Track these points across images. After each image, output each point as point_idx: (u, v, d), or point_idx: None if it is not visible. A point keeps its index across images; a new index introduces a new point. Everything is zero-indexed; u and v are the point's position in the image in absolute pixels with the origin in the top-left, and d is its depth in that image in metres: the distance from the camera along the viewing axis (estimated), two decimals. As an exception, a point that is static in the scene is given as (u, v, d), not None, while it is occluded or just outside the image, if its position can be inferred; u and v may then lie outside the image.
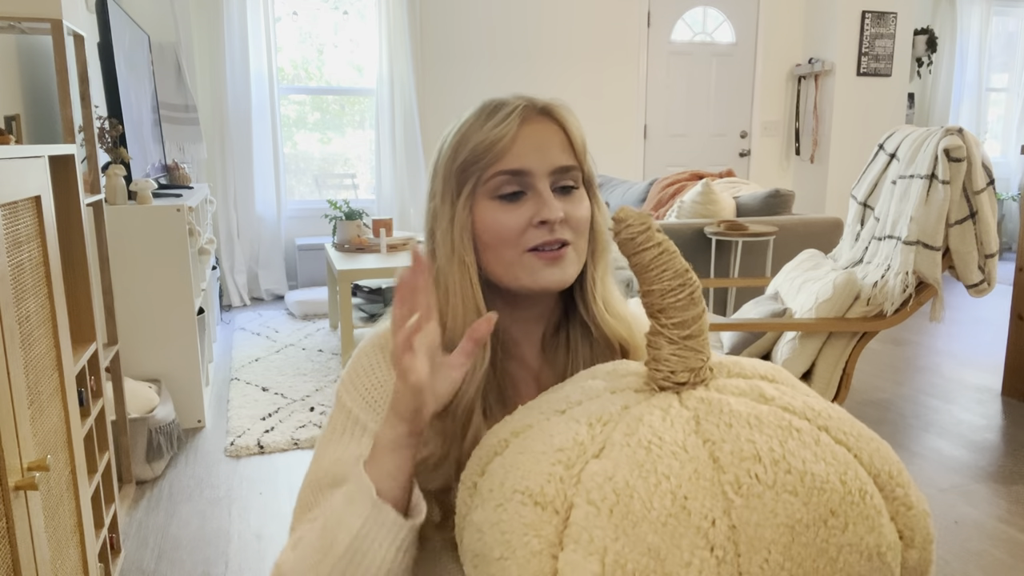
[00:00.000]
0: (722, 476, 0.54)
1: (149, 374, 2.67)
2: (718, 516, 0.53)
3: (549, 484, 0.57)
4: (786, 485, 0.54)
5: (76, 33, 1.91)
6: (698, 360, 0.64)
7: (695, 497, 0.53)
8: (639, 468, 0.55)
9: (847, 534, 0.54)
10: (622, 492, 0.54)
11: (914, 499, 0.58)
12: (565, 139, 0.80)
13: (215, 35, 4.61)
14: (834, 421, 0.60)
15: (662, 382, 0.64)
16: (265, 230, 4.92)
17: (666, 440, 0.57)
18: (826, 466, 0.56)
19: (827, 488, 0.54)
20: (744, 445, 0.56)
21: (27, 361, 1.16)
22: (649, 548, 0.52)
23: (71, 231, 1.64)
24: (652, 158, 5.71)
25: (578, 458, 0.58)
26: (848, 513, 0.54)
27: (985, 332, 4.06)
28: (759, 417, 0.58)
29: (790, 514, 0.53)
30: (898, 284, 2.08)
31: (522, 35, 5.24)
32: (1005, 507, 2.17)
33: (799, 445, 0.57)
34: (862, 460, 0.58)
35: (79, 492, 1.40)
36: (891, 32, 5.59)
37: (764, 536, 0.52)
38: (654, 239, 0.63)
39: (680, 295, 0.63)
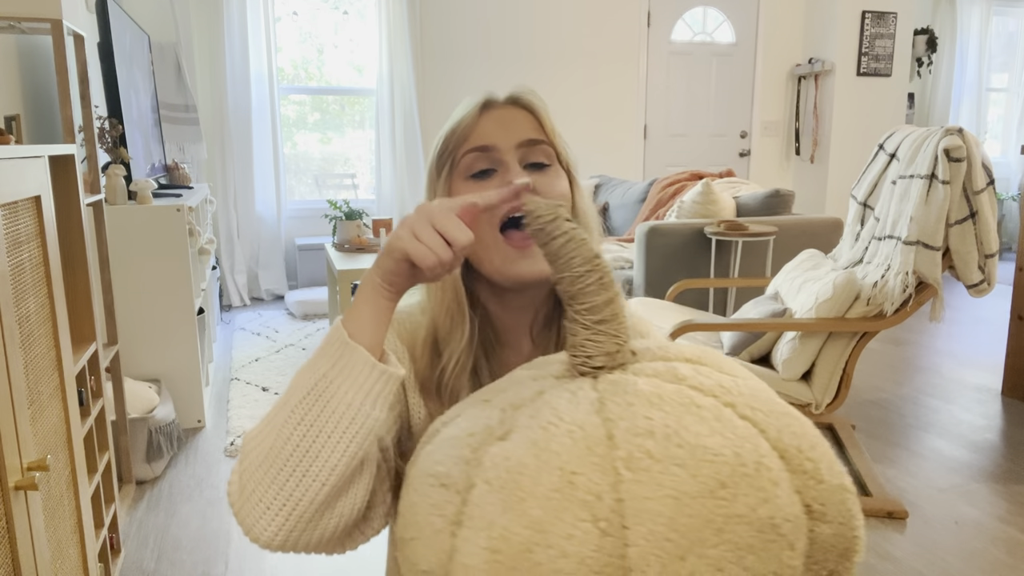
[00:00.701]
0: (615, 452, 0.55)
1: (149, 374, 2.67)
2: (605, 490, 0.53)
3: (455, 466, 0.60)
4: (675, 458, 0.54)
5: (76, 33, 1.91)
6: (613, 344, 0.64)
7: (583, 472, 0.54)
8: (534, 447, 0.57)
9: (736, 505, 0.53)
10: (514, 470, 0.56)
11: (826, 473, 0.58)
12: (533, 120, 0.83)
13: (215, 35, 4.61)
14: (744, 398, 0.60)
15: (580, 367, 0.65)
16: (265, 230, 4.92)
17: (565, 420, 0.58)
18: (722, 439, 0.56)
19: (717, 460, 0.54)
20: (640, 422, 0.57)
21: (27, 361, 1.16)
22: (532, 521, 0.53)
23: (71, 231, 1.64)
24: (652, 158, 5.72)
25: (484, 441, 0.60)
26: (739, 484, 0.54)
27: (985, 332, 4.06)
28: (661, 395, 0.59)
29: (676, 486, 0.53)
30: (898, 284, 2.08)
31: (522, 35, 5.24)
32: (1005, 507, 2.17)
33: (696, 420, 0.57)
34: (768, 434, 0.58)
35: (79, 492, 1.40)
36: (891, 32, 5.59)
37: (650, 508, 0.53)
38: (561, 228, 0.64)
39: (588, 281, 0.64)
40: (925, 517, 2.12)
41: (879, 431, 2.72)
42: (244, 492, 0.65)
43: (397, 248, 0.65)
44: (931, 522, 2.09)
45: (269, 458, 0.65)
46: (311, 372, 0.66)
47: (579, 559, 0.52)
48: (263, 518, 0.64)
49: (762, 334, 2.34)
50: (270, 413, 0.68)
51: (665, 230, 3.29)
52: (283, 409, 0.66)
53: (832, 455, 0.60)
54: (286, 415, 0.65)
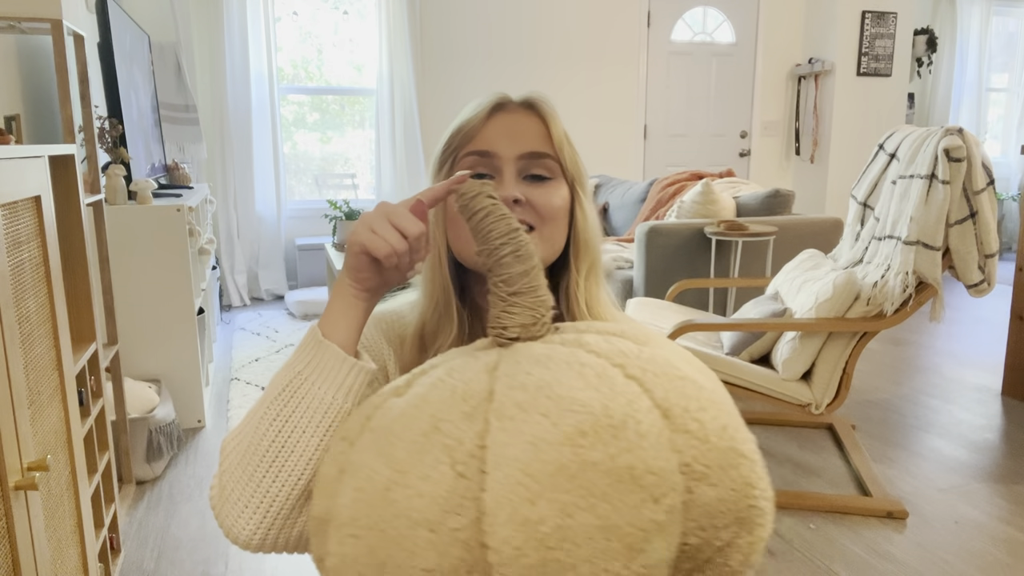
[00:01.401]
0: (489, 406, 0.56)
1: (149, 374, 2.67)
2: (469, 437, 0.55)
3: (356, 422, 0.63)
4: (540, 407, 0.55)
5: (76, 33, 1.91)
6: (529, 316, 0.65)
7: (450, 419, 0.56)
8: (416, 399, 0.60)
9: (592, 452, 0.53)
10: (395, 418, 0.59)
11: (713, 435, 0.57)
12: (543, 131, 0.83)
13: (215, 35, 4.61)
14: (640, 362, 0.60)
15: (496, 338, 0.66)
16: (265, 230, 4.92)
17: (453, 376, 0.60)
18: (595, 393, 0.56)
19: (582, 411, 0.55)
20: (519, 377, 0.58)
21: (27, 361, 1.16)
22: (395, 462, 0.56)
23: (71, 231, 1.64)
24: (652, 158, 5.71)
25: (385, 399, 0.63)
26: (599, 434, 0.54)
27: (985, 332, 4.06)
28: (550, 355, 0.60)
29: (535, 432, 0.54)
30: (898, 284, 2.08)
31: (522, 35, 5.24)
32: (1005, 507, 2.17)
33: (574, 376, 0.57)
34: (653, 393, 0.58)
35: (79, 492, 1.40)
36: (891, 32, 5.59)
37: (508, 454, 0.53)
38: (480, 204, 0.67)
39: (503, 252, 0.66)
40: (925, 517, 2.12)
41: (879, 431, 2.72)
42: (223, 493, 0.67)
43: (355, 242, 0.69)
44: (931, 522, 2.09)
45: (246, 456, 0.67)
46: (287, 371, 0.69)
47: (431, 498, 0.53)
48: (241, 517, 0.66)
49: (762, 334, 2.34)
50: (248, 413, 0.70)
51: (665, 230, 3.29)
52: (259, 408, 0.68)
53: (732, 422, 0.59)
54: (262, 413, 0.67)
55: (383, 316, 0.88)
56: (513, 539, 0.51)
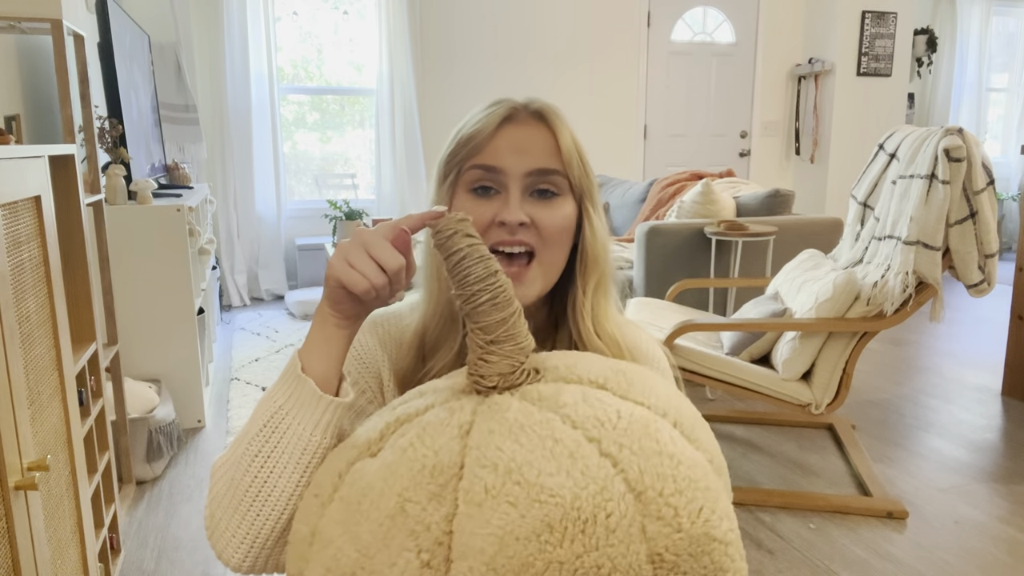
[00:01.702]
0: (459, 483, 0.54)
1: (149, 374, 2.67)
2: (436, 521, 0.52)
3: (327, 479, 0.60)
4: (509, 495, 0.52)
5: (76, 33, 1.91)
6: (507, 365, 0.62)
7: (417, 501, 0.53)
8: (385, 468, 0.56)
9: (559, 550, 0.51)
10: (364, 489, 0.56)
11: (686, 521, 0.54)
12: (553, 144, 0.79)
13: (215, 35, 4.61)
14: (616, 434, 0.56)
15: (474, 385, 0.63)
16: (265, 230, 4.92)
17: (425, 443, 0.57)
18: (566, 479, 0.53)
19: (550, 502, 0.52)
20: (491, 453, 0.55)
21: (27, 361, 1.16)
22: (363, 546, 0.53)
23: (71, 231, 1.64)
24: (652, 158, 5.71)
25: (359, 455, 0.60)
26: (568, 530, 0.51)
27: (985, 332, 4.06)
28: (523, 425, 0.57)
29: (502, 525, 0.51)
30: (898, 284, 2.08)
31: (522, 35, 5.24)
32: (1005, 507, 2.17)
33: (546, 456, 0.54)
34: (628, 475, 0.54)
35: (79, 492, 1.40)
36: (891, 32, 5.59)
37: (474, 544, 0.51)
38: (456, 244, 0.62)
39: (480, 300, 0.61)
40: (925, 517, 2.12)
41: (879, 431, 2.72)
42: (213, 519, 0.69)
43: (331, 276, 0.67)
44: (931, 522, 2.09)
45: (231, 488, 0.68)
46: (269, 404, 0.69)
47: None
48: (230, 544, 0.68)
49: (762, 334, 2.34)
50: (234, 442, 0.71)
51: (665, 230, 3.29)
52: (243, 440, 0.69)
53: (708, 502, 0.56)
54: (245, 447, 0.68)
55: (380, 319, 0.87)
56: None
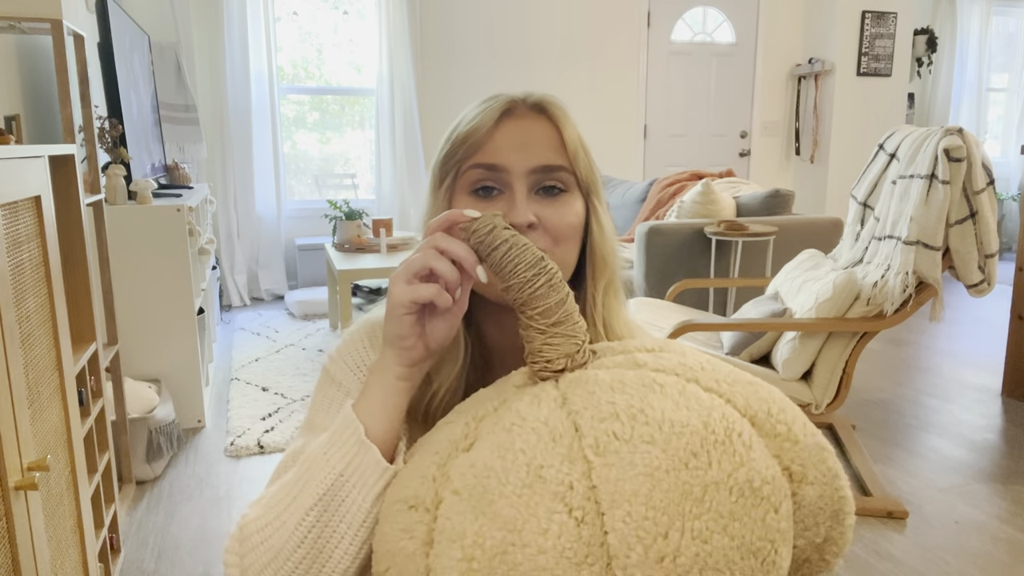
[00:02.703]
0: (582, 441, 0.54)
1: (149, 374, 2.67)
2: (576, 479, 0.52)
3: (423, 486, 0.58)
4: (643, 436, 0.53)
5: (76, 33, 1.91)
6: (572, 345, 0.63)
7: (551, 465, 0.53)
8: (498, 449, 0.56)
9: (711, 472, 0.52)
10: (481, 474, 0.55)
11: (800, 434, 0.57)
12: (557, 138, 0.75)
13: (215, 35, 4.61)
14: (707, 373, 0.60)
15: (541, 373, 0.63)
16: (265, 230, 4.92)
17: (528, 419, 0.57)
18: (688, 412, 0.55)
19: (686, 432, 0.53)
20: (603, 407, 0.56)
21: (27, 361, 1.16)
22: (505, 522, 0.51)
23: (71, 231, 1.64)
24: (652, 158, 5.71)
25: (450, 456, 0.59)
26: (711, 452, 0.53)
27: (985, 332, 4.06)
28: (622, 380, 0.58)
29: (648, 462, 0.52)
30: (898, 284, 2.08)
31: (522, 35, 5.24)
32: (1005, 507, 2.17)
33: (660, 398, 0.56)
34: (735, 403, 0.57)
35: (79, 492, 1.40)
36: (891, 32, 5.59)
37: (624, 489, 0.51)
38: (500, 237, 0.63)
39: (537, 284, 0.62)
40: (925, 517, 2.12)
41: (879, 431, 2.72)
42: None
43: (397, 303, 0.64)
44: (931, 522, 2.09)
45: (279, 559, 0.64)
46: (325, 470, 0.64)
47: (558, 552, 0.49)
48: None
49: (762, 334, 2.34)
50: (277, 500, 0.66)
51: (665, 230, 3.29)
52: (294, 507, 0.64)
53: (803, 416, 0.60)
54: (299, 518, 0.64)
55: (377, 327, 0.82)
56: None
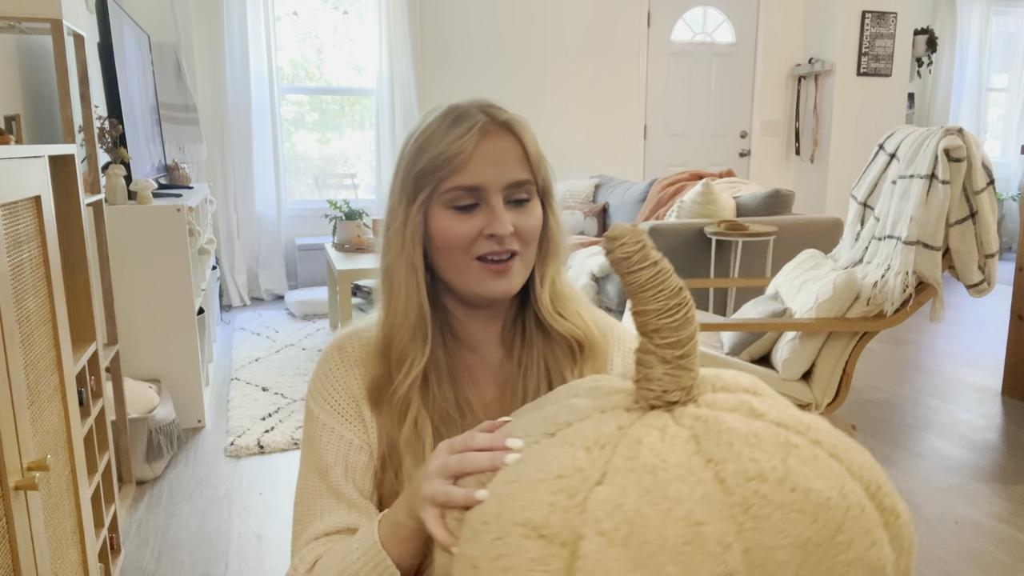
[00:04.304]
0: (730, 498, 0.53)
1: (149, 374, 2.67)
2: (731, 540, 0.51)
3: (553, 515, 0.54)
4: (793, 504, 0.53)
5: (76, 33, 1.91)
6: (689, 379, 0.62)
7: (708, 522, 0.51)
8: (648, 494, 0.53)
9: (852, 550, 0.52)
10: (634, 521, 0.52)
11: (900, 508, 0.58)
12: (522, 153, 0.82)
13: (215, 35, 4.61)
14: (823, 435, 0.59)
15: (653, 401, 0.62)
16: (265, 230, 4.92)
17: (670, 462, 0.55)
18: (827, 482, 0.55)
19: (831, 505, 0.53)
20: (748, 464, 0.54)
21: (27, 361, 1.16)
22: (650, 569, 0.50)
23: (71, 231, 1.64)
24: (652, 158, 5.71)
25: (580, 485, 0.55)
26: (852, 529, 0.53)
27: (985, 332, 4.06)
28: (757, 434, 0.57)
29: (800, 533, 0.52)
30: (898, 284, 2.08)
31: (522, 35, 5.24)
32: (1005, 507, 2.17)
33: (799, 462, 0.55)
34: (853, 473, 0.57)
35: (79, 492, 1.40)
36: (891, 32, 5.59)
37: (776, 558, 0.51)
38: (650, 258, 0.61)
39: (676, 315, 0.61)
40: (925, 517, 2.12)
41: (879, 431, 2.72)
42: None
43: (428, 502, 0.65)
44: (931, 522, 2.09)
45: None
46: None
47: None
48: None
49: (762, 334, 2.34)
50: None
51: (665, 230, 3.29)
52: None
53: (892, 486, 0.60)
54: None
55: (345, 343, 0.88)
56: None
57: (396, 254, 0.83)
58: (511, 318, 0.90)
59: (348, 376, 0.86)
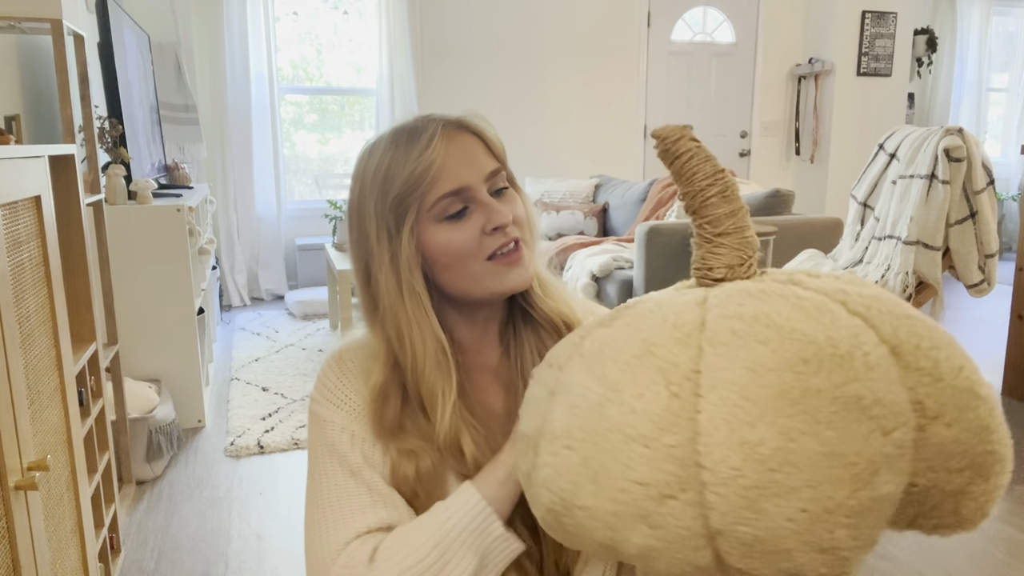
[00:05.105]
0: (702, 333, 0.56)
1: (149, 374, 2.67)
2: (683, 361, 0.55)
3: (563, 350, 0.66)
4: (758, 335, 0.54)
5: (76, 33, 1.91)
6: (736, 258, 0.64)
7: (663, 345, 0.57)
8: (627, 327, 0.61)
9: (815, 379, 0.51)
10: (605, 342, 0.61)
11: (948, 374, 0.54)
12: (484, 146, 0.82)
13: (215, 35, 4.61)
14: (864, 299, 0.58)
15: (701, 279, 0.66)
16: (265, 230, 4.92)
17: (662, 307, 0.61)
18: (817, 325, 0.54)
19: (802, 340, 0.53)
20: (733, 308, 0.57)
21: (27, 361, 1.16)
22: (609, 381, 0.57)
23: (71, 231, 1.64)
24: (652, 158, 5.71)
25: (592, 329, 0.65)
26: (823, 363, 0.52)
27: (985, 332, 4.06)
28: (765, 291, 0.59)
29: (754, 358, 0.53)
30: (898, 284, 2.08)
31: (522, 35, 5.24)
32: (1005, 507, 2.17)
33: (792, 308, 0.56)
34: (879, 330, 0.55)
35: (79, 492, 1.40)
36: (891, 32, 5.59)
37: (724, 377, 0.53)
38: (684, 147, 0.65)
39: (710, 194, 0.65)
40: (925, 517, 2.11)
41: (879, 431, 2.72)
42: None
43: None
44: (931, 522, 2.09)
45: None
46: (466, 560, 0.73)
47: (646, 415, 0.54)
48: None
49: (762, 334, 2.34)
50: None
51: (665, 230, 3.29)
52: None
53: (968, 364, 0.57)
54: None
55: (346, 355, 0.85)
56: (730, 459, 0.51)
57: (394, 294, 0.79)
58: (504, 316, 0.89)
59: (350, 386, 0.83)
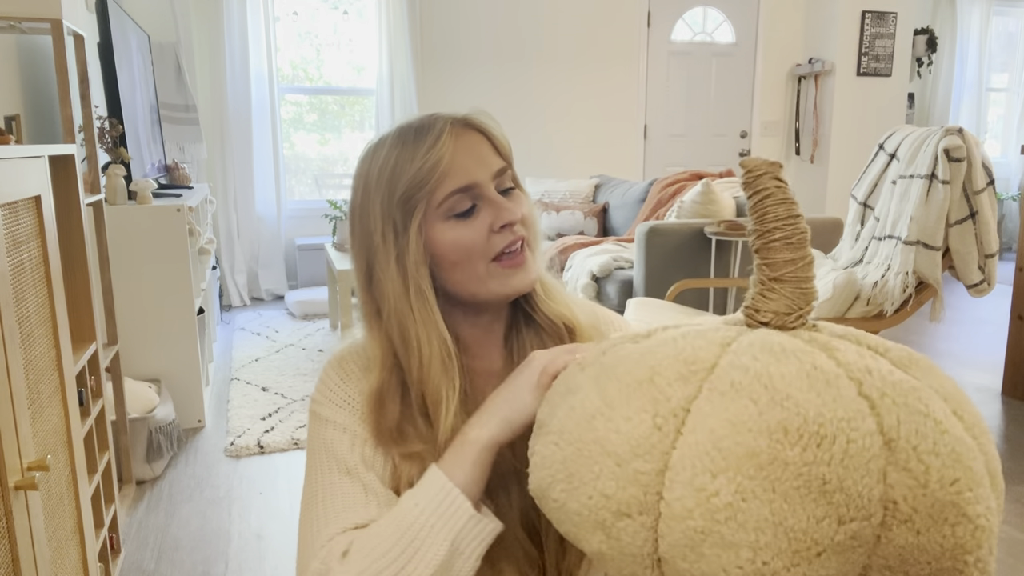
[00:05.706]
0: (709, 377, 0.58)
1: (149, 374, 2.67)
2: (677, 398, 0.57)
3: (594, 352, 0.69)
4: (752, 393, 0.55)
5: (76, 33, 1.91)
6: (786, 306, 0.63)
7: (665, 377, 0.59)
8: (646, 350, 0.63)
9: (787, 452, 0.52)
10: (620, 359, 0.64)
11: (934, 483, 0.52)
12: (491, 144, 0.82)
13: (215, 35, 4.61)
14: (884, 384, 0.56)
15: (747, 320, 0.66)
16: (265, 230, 4.92)
17: (688, 339, 0.62)
18: (815, 398, 0.54)
19: (792, 410, 0.53)
20: (744, 361, 0.57)
21: (27, 361, 1.16)
22: (607, 397, 0.61)
23: (71, 231, 1.64)
24: (652, 158, 5.71)
25: (620, 342, 0.68)
26: (802, 439, 0.52)
27: (985, 332, 4.06)
28: (787, 349, 0.58)
29: (738, 414, 0.54)
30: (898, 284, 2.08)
31: (522, 35, 5.24)
32: (1006, 507, 2.17)
33: (800, 375, 0.55)
34: (883, 420, 0.54)
35: (79, 492, 1.40)
36: (891, 32, 5.59)
37: (705, 425, 0.55)
38: (763, 184, 0.65)
39: (773, 237, 0.64)
40: (925, 517, 2.11)
41: (879, 431, 2.72)
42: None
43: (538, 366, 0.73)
44: (931, 522, 2.09)
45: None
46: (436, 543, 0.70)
47: (628, 437, 0.57)
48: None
49: (762, 334, 2.34)
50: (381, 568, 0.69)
51: (665, 230, 3.29)
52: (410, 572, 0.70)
53: (966, 479, 0.54)
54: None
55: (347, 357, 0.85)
56: (685, 500, 0.53)
57: (400, 293, 0.78)
58: (508, 319, 0.88)
59: (353, 387, 0.83)
